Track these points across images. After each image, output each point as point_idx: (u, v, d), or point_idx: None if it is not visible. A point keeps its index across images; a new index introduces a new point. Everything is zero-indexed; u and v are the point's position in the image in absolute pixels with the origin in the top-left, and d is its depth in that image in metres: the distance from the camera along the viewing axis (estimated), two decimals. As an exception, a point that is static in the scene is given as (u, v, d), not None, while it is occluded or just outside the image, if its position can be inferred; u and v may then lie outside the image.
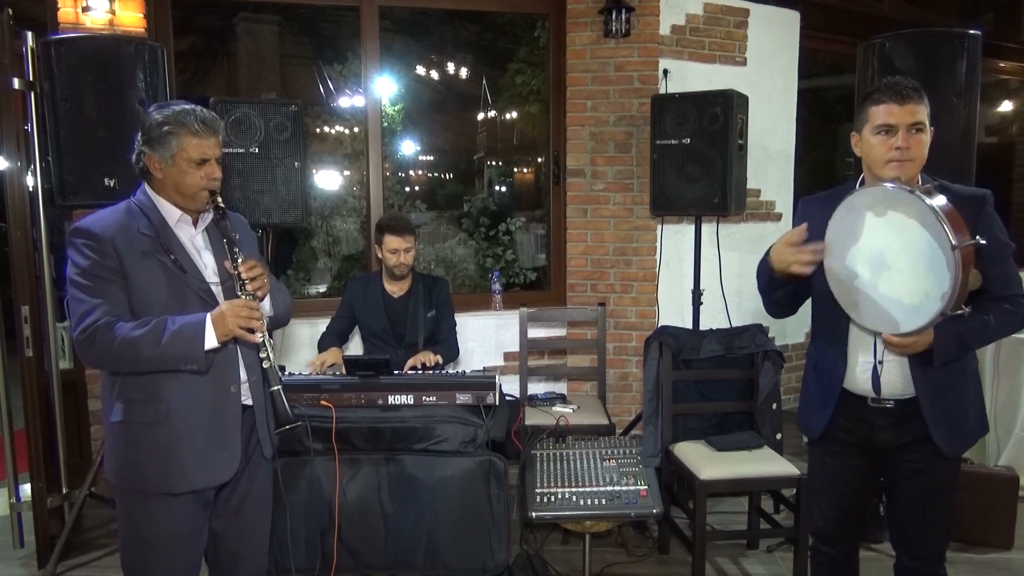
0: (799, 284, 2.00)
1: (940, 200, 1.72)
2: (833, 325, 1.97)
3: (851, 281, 1.86)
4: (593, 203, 4.24)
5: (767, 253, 1.98)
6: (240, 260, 1.82)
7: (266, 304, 1.93)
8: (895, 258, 1.78)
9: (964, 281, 1.69)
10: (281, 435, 1.99)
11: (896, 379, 1.90)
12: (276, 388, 1.86)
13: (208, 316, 1.76)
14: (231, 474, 1.90)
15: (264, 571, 2.10)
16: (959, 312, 1.72)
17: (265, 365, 1.86)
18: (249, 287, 1.81)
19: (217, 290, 1.88)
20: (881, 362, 1.90)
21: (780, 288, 2.03)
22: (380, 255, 3.32)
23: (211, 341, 1.75)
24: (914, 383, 1.88)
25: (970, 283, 1.74)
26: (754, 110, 3.67)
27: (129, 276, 1.76)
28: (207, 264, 1.89)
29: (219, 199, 1.86)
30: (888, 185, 1.79)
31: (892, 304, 1.79)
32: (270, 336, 1.91)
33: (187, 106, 1.84)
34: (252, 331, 1.79)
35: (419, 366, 3.03)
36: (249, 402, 1.94)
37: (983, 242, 1.69)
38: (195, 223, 1.91)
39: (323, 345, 3.37)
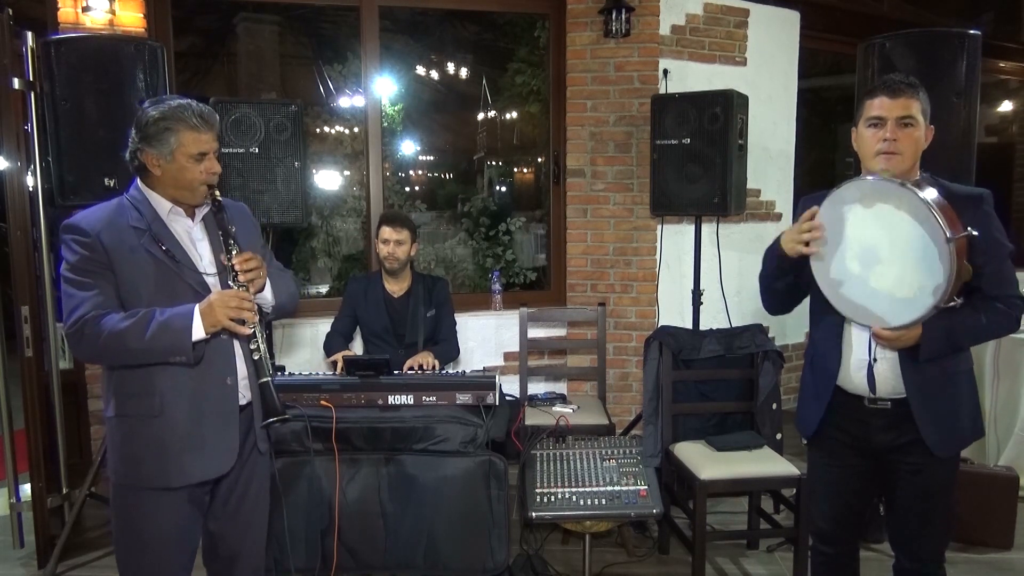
0: (800, 276, 1.99)
1: (932, 193, 1.72)
2: (829, 322, 1.97)
3: (840, 275, 1.85)
4: (593, 203, 4.24)
5: (776, 240, 1.98)
6: (235, 252, 1.81)
7: (267, 293, 1.92)
8: (886, 252, 1.77)
9: (957, 273, 1.69)
10: (270, 429, 1.96)
11: (890, 377, 1.89)
12: (265, 380, 1.84)
13: (196, 307, 1.75)
14: (228, 467, 1.88)
15: (262, 570, 2.09)
16: (951, 304, 1.72)
17: (255, 357, 1.84)
18: (242, 278, 1.80)
19: (212, 281, 1.86)
20: (876, 360, 1.89)
21: (786, 274, 2.01)
22: (378, 250, 3.35)
23: (199, 332, 1.74)
24: (904, 381, 1.87)
25: (962, 275, 1.73)
26: (754, 110, 3.67)
27: (118, 270, 1.76)
28: (202, 255, 1.88)
29: (217, 192, 1.86)
30: (870, 178, 1.79)
31: (883, 298, 1.79)
32: (265, 327, 1.89)
33: (183, 100, 1.83)
34: (243, 322, 1.78)
35: (416, 367, 3.03)
36: (247, 399, 1.92)
37: (975, 233, 1.69)
38: (192, 215, 1.90)
39: (330, 346, 3.36)
